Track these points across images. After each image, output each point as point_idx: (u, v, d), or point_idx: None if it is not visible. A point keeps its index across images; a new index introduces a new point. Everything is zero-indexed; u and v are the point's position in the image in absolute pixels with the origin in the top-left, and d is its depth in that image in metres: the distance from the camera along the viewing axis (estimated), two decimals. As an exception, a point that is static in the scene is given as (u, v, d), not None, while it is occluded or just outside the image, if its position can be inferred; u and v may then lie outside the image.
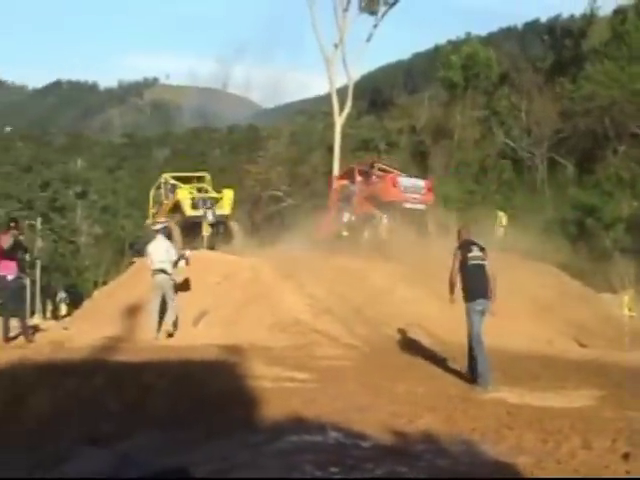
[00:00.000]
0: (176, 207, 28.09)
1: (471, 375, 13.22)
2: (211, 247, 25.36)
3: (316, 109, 77.74)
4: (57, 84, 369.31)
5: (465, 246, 13.53)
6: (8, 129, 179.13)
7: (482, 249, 13.64)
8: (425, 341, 17.13)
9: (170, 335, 17.07)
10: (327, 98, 55.84)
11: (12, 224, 16.88)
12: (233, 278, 19.38)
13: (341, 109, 50.28)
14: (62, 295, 46.39)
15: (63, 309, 39.97)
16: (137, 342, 15.69)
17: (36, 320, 22.28)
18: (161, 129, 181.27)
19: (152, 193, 32.39)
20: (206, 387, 11.68)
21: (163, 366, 12.85)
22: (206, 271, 19.68)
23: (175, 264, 17.66)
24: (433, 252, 20.51)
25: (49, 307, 52.51)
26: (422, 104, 64.05)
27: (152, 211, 31.51)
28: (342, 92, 52.00)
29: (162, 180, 31.64)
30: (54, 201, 70.71)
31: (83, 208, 73.36)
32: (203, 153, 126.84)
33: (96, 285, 54.04)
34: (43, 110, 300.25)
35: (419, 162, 55.09)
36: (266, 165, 64.11)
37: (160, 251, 17.51)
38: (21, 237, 17.28)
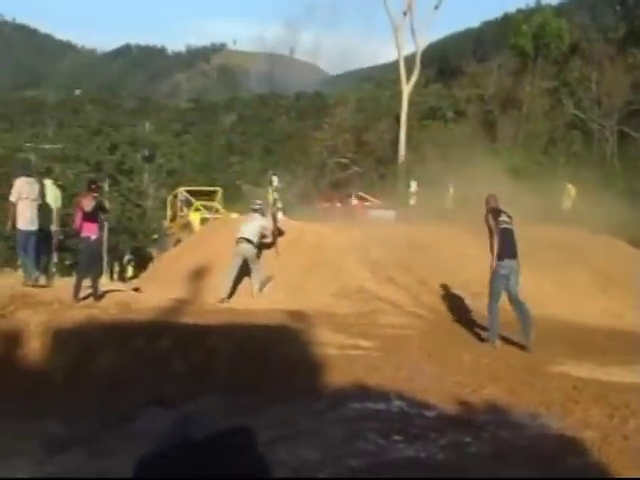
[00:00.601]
0: (188, 224, 32.84)
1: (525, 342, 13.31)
2: None
3: (383, 77, 77.19)
4: (127, 48, 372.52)
5: (494, 212, 14.31)
6: (78, 92, 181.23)
7: (509, 216, 14.55)
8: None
9: (252, 297, 17.26)
10: (394, 66, 55.36)
11: (93, 186, 16.94)
12: (298, 244, 19.38)
13: (409, 77, 49.89)
14: (129, 257, 46.76)
15: (130, 271, 40.48)
16: (203, 305, 15.74)
17: (103, 281, 22.60)
18: (228, 94, 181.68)
19: (170, 199, 37.84)
20: (270, 352, 11.72)
21: (228, 330, 12.90)
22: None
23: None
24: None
25: (116, 269, 53.14)
26: (491, 73, 63.18)
27: (169, 213, 36.88)
28: (410, 60, 51.58)
29: (179, 192, 37.00)
30: (122, 164, 71.00)
31: (150, 172, 73.80)
32: (269, 119, 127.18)
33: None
34: (112, 73, 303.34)
35: (487, 131, 54.43)
36: (332, 132, 63.83)
37: (250, 225, 17.84)
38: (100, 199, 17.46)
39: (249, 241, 17.42)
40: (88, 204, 15.91)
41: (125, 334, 12.77)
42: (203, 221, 31.62)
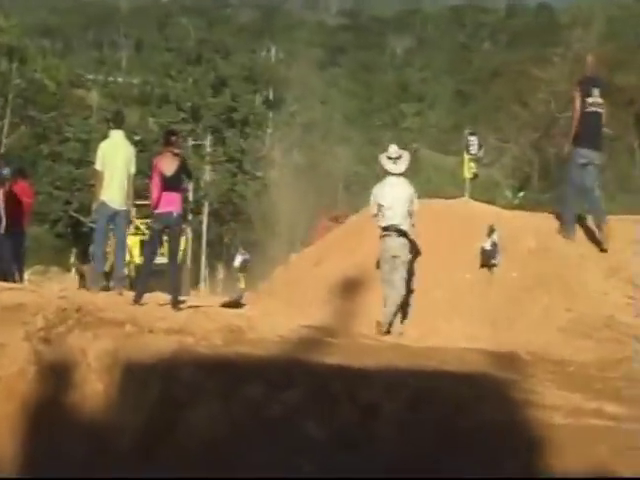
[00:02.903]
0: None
1: None
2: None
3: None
4: None
5: (586, 85, 18.13)
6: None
7: (603, 92, 18.16)
8: None
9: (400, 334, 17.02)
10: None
11: (172, 138, 17.04)
12: (508, 249, 19.22)
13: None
14: (241, 257, 46.18)
15: (242, 280, 40.89)
16: (354, 337, 15.81)
17: (202, 292, 23.12)
18: (400, 5, 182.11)
19: None
20: (460, 415, 11.71)
21: (394, 377, 12.93)
22: (464, 235, 19.54)
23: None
24: None
25: (221, 274, 53.46)
26: None
27: None
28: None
29: None
30: (232, 111, 71.22)
31: (275, 124, 73.99)
32: (465, 46, 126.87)
33: (292, 245, 54.77)
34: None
35: None
36: (566, 69, 63.10)
37: (400, 198, 17.28)
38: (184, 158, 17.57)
39: (401, 232, 17.05)
40: (169, 166, 16.19)
41: (233, 378, 12.96)
42: (142, 244, 35.88)
